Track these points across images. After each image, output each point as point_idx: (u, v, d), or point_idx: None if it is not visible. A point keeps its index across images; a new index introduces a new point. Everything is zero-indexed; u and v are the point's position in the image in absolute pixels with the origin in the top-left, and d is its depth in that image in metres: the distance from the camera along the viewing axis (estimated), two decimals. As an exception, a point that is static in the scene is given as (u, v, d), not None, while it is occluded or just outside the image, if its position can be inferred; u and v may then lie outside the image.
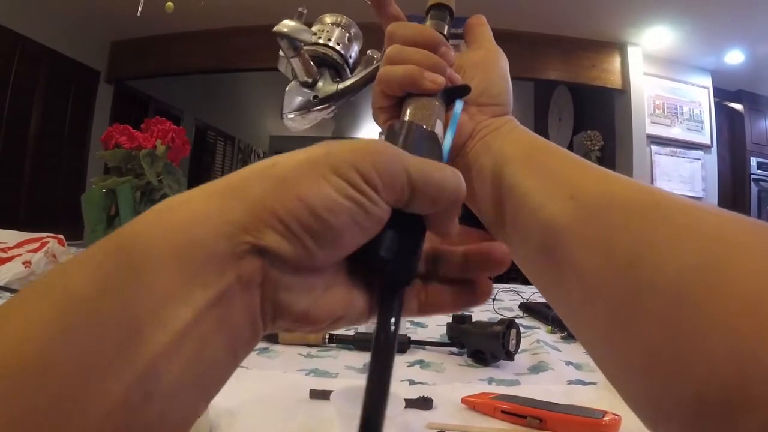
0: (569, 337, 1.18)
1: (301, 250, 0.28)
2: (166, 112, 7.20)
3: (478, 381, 0.88)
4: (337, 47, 0.67)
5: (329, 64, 0.66)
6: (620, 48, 5.72)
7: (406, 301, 0.35)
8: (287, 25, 0.61)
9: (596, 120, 6.23)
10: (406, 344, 1.02)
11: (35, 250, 1.41)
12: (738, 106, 6.17)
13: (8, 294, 1.26)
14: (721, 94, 6.05)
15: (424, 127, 0.43)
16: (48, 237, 1.49)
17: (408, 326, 1.21)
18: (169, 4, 2.87)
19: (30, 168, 5.47)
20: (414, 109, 0.47)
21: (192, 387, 0.25)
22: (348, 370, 0.91)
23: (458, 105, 0.48)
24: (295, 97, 0.65)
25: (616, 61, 5.75)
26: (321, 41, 0.68)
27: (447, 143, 0.45)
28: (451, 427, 0.68)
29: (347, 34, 0.70)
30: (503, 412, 0.72)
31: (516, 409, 0.71)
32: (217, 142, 9.35)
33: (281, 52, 0.64)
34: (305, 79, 0.63)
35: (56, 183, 5.82)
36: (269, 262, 0.27)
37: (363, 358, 0.97)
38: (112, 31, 6.10)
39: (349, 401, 0.65)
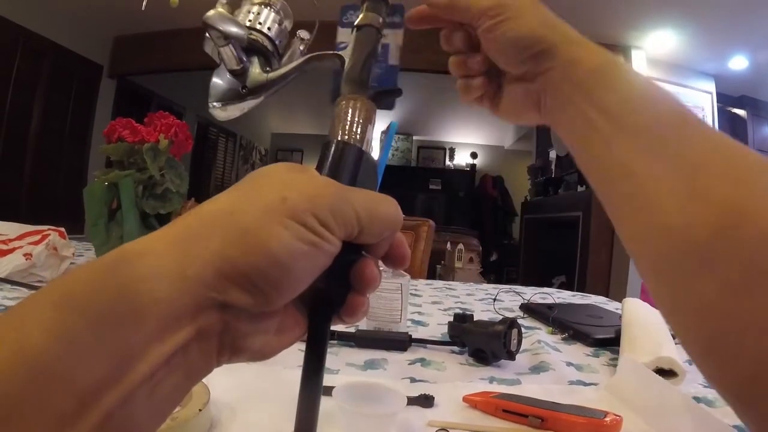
0: (570, 338, 1.18)
1: (262, 299, 0.29)
2: (168, 107, 7.18)
3: (479, 380, 0.88)
4: (269, 32, 0.65)
5: (259, 51, 0.64)
6: (623, 51, 5.71)
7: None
8: (217, 15, 0.60)
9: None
10: (407, 342, 1.02)
11: (36, 243, 1.41)
12: (741, 112, 6.17)
13: (8, 286, 1.25)
14: (725, 100, 6.04)
15: (359, 147, 0.42)
16: (49, 229, 1.49)
17: (409, 325, 1.21)
18: (174, -1, 2.86)
19: (32, 162, 5.48)
20: (344, 113, 0.45)
21: (146, 417, 0.26)
22: (349, 367, 0.90)
23: (393, 127, 0.49)
24: (223, 85, 0.63)
25: (620, 64, 5.74)
26: (250, 25, 0.65)
27: (381, 166, 0.45)
28: (453, 425, 0.68)
29: (278, 16, 0.67)
30: (504, 410, 0.72)
31: (517, 408, 0.71)
32: (218, 139, 9.37)
33: (207, 35, 0.62)
34: (234, 67, 0.61)
35: (58, 178, 5.83)
36: (230, 315, 0.29)
37: (364, 355, 0.97)
38: (115, 26, 6.11)
39: (351, 397, 0.65)
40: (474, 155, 10.33)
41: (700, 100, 5.89)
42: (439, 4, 0.57)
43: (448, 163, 10.74)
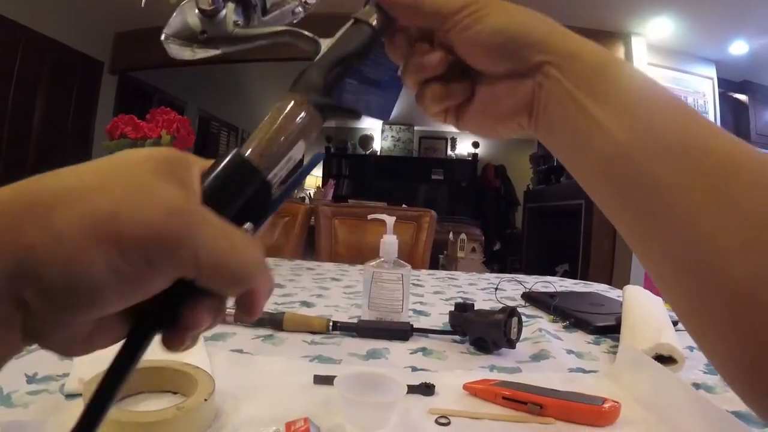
0: (571, 326, 1.19)
1: (60, 313, 0.26)
2: (170, 102, 7.20)
3: (479, 368, 0.89)
4: None
5: None
6: (624, 38, 5.69)
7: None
8: None
9: (600, 111, 6.20)
10: (409, 332, 1.03)
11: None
12: (743, 97, 6.14)
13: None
14: (726, 85, 6.01)
15: (254, 168, 0.35)
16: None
17: (411, 315, 1.22)
18: (173, -6, 2.86)
19: (34, 159, 5.47)
20: (273, 117, 0.38)
21: None
22: (351, 357, 0.92)
23: (317, 159, 0.38)
24: (185, 19, 0.54)
25: (620, 52, 5.71)
26: None
27: (281, 198, 0.36)
28: (453, 412, 0.69)
29: None
30: (504, 398, 0.72)
31: (517, 396, 0.72)
32: (220, 133, 9.36)
33: None
34: (204, 6, 0.52)
35: (60, 174, 5.82)
36: (29, 312, 0.26)
37: (366, 345, 0.98)
38: (115, 22, 6.09)
39: (353, 387, 0.66)
40: (476, 144, 10.30)
41: (701, 85, 5.87)
42: (401, 6, 0.48)
43: (449, 153, 10.71)
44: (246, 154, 0.36)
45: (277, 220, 2.57)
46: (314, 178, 10.63)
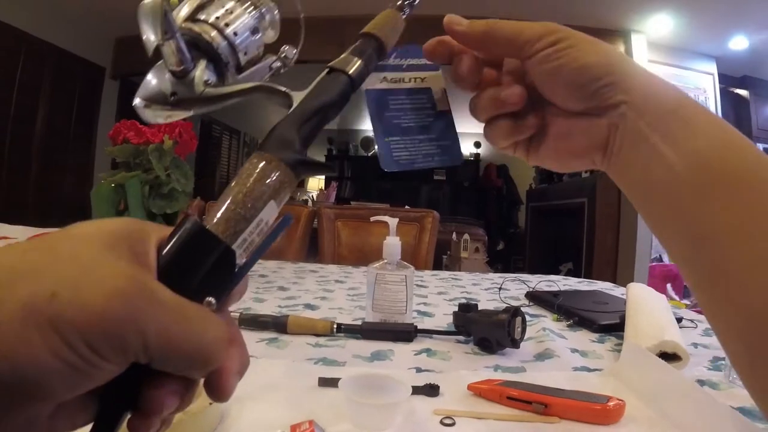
0: (575, 325, 1.19)
1: (8, 402, 0.25)
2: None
3: (484, 368, 0.89)
4: (233, 38, 0.52)
5: (211, 56, 0.51)
6: (624, 36, 5.69)
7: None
8: (148, 6, 0.49)
9: (601, 108, 6.19)
10: (413, 333, 1.03)
11: (45, 246, 1.42)
12: (743, 92, 6.13)
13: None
14: (727, 81, 6.00)
15: (215, 236, 0.32)
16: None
17: (414, 316, 1.22)
18: (174, 0, 2.87)
19: (38, 165, 5.49)
20: (241, 180, 0.35)
21: None
22: (355, 359, 0.92)
23: (285, 222, 0.36)
24: (155, 82, 0.51)
25: (620, 49, 5.71)
26: (214, 22, 0.52)
27: (246, 266, 0.34)
28: (458, 413, 0.69)
29: (255, 19, 0.55)
30: (509, 398, 0.72)
31: (521, 395, 0.72)
32: (222, 136, 9.36)
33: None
34: (173, 67, 0.49)
35: (64, 180, 5.85)
36: None
37: (370, 346, 0.98)
38: (116, 28, 6.10)
39: (357, 388, 0.66)
40: (477, 144, 10.28)
41: (702, 81, 5.86)
42: (472, 35, 0.48)
43: (452, 153, 10.68)
44: (207, 222, 0.33)
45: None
46: (317, 181, 10.63)
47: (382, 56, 0.47)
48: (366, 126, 10.50)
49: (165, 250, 0.31)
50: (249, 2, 0.54)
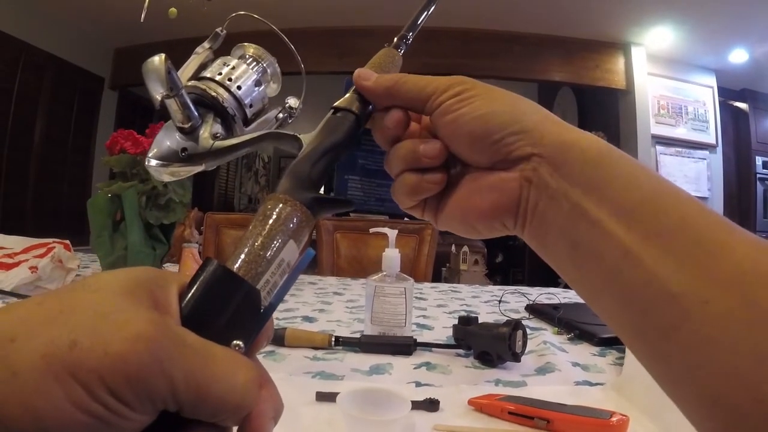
0: (576, 338, 1.18)
1: None
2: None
3: (484, 382, 0.88)
4: (237, 92, 0.56)
5: (217, 111, 0.55)
6: (624, 48, 5.73)
7: None
8: (153, 65, 0.50)
9: (600, 121, 6.22)
10: (412, 347, 1.02)
11: (41, 256, 1.41)
12: (743, 105, 6.16)
13: (15, 299, 1.26)
14: (726, 94, 6.04)
15: (240, 277, 0.32)
16: (54, 242, 1.49)
17: (414, 329, 1.21)
18: (172, 10, 2.88)
19: (35, 175, 5.50)
20: (260, 223, 0.35)
21: None
22: (354, 373, 0.91)
23: (308, 257, 0.35)
24: (167, 141, 0.53)
25: (620, 62, 5.75)
26: (219, 78, 0.56)
27: (271, 307, 0.33)
28: (458, 429, 0.68)
29: (258, 74, 0.59)
30: (510, 413, 0.72)
31: (523, 410, 0.71)
32: (221, 147, 9.36)
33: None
34: (180, 124, 0.52)
35: (62, 190, 5.86)
36: None
37: (369, 360, 0.97)
38: (115, 38, 6.14)
39: (356, 403, 0.65)
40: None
41: (702, 94, 5.88)
42: (378, 91, 0.45)
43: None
44: (229, 264, 0.33)
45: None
46: (315, 192, 10.61)
47: None
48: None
49: (188, 294, 0.30)
50: (251, 58, 0.58)
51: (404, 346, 1.02)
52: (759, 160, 6.09)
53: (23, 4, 4.98)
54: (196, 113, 0.51)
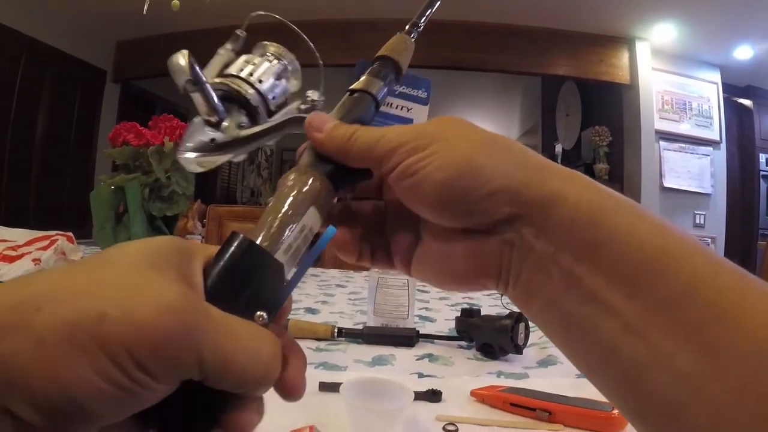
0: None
1: (55, 427, 0.23)
2: (173, 111, 7.14)
3: (486, 374, 0.88)
4: (258, 84, 0.58)
5: (242, 103, 0.58)
6: (628, 43, 5.70)
7: None
8: (177, 63, 0.54)
9: (604, 115, 6.20)
10: (415, 338, 1.02)
11: (45, 248, 1.41)
12: (747, 102, 6.14)
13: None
14: (730, 90, 6.01)
15: (266, 251, 0.32)
16: (57, 235, 1.49)
17: (416, 320, 1.21)
18: (175, 2, 2.88)
19: (38, 169, 5.51)
20: (283, 196, 0.36)
21: None
22: (357, 364, 0.91)
23: (329, 234, 0.35)
24: (196, 133, 0.56)
25: (624, 57, 5.72)
26: (242, 74, 0.59)
27: (300, 272, 0.34)
28: (460, 419, 0.68)
29: (278, 70, 0.61)
30: (512, 404, 0.72)
31: (525, 402, 0.71)
32: (224, 141, 9.36)
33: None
34: (206, 117, 0.55)
35: (65, 183, 5.86)
36: (21, 426, 0.23)
37: (372, 351, 0.97)
38: (117, 31, 6.13)
39: (358, 394, 0.65)
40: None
41: (706, 90, 5.86)
42: (330, 146, 0.38)
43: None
44: (254, 233, 0.33)
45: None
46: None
47: (400, 78, 0.46)
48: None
49: (214, 268, 0.31)
50: (272, 56, 0.61)
51: (407, 338, 1.02)
52: (763, 157, 6.07)
53: (26, -3, 4.99)
54: (221, 106, 0.54)
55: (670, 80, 5.73)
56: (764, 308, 0.26)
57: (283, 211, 0.35)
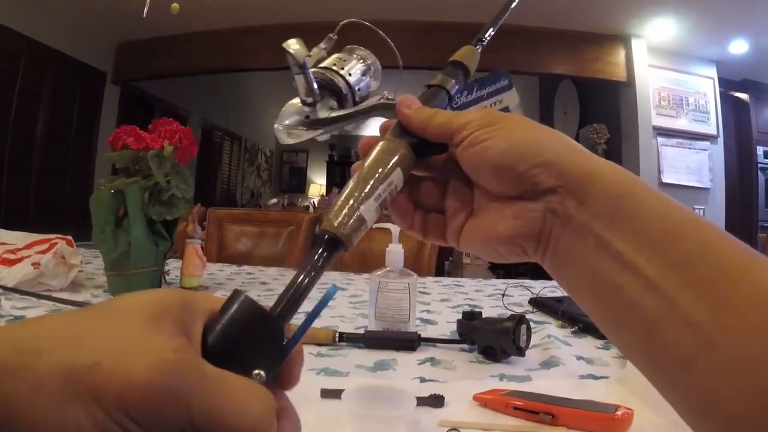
0: (580, 331, 1.18)
1: None
2: (173, 112, 7.23)
3: (489, 377, 0.88)
4: (348, 76, 0.67)
5: (334, 90, 0.66)
6: (624, 40, 5.72)
7: None
8: (292, 45, 0.62)
9: (602, 113, 6.21)
10: (417, 342, 1.02)
11: (44, 251, 1.42)
12: (743, 96, 6.16)
13: (18, 295, 1.26)
14: (727, 84, 6.03)
15: (264, 311, 0.33)
16: (57, 238, 1.49)
17: (418, 324, 1.21)
18: (175, 5, 2.88)
19: (38, 170, 5.50)
20: (374, 161, 0.44)
21: None
22: (358, 369, 0.91)
23: (330, 294, 0.36)
24: (292, 112, 0.66)
25: (621, 54, 5.74)
26: (335, 68, 0.68)
27: (300, 331, 0.35)
28: (463, 424, 0.68)
29: (364, 68, 0.70)
30: (515, 408, 0.71)
31: (528, 405, 0.71)
32: (223, 142, 9.37)
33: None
34: (304, 98, 0.64)
35: (64, 185, 5.85)
36: None
37: (373, 356, 0.97)
38: (118, 33, 6.13)
39: (361, 400, 0.65)
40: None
41: (703, 85, 5.87)
42: (414, 121, 0.46)
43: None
44: (353, 188, 0.42)
45: (281, 230, 2.57)
46: (318, 187, 10.64)
47: (467, 78, 0.55)
48: (368, 132, 10.52)
49: (215, 325, 0.32)
50: (358, 56, 0.71)
51: (408, 342, 1.02)
52: (760, 150, 6.10)
53: (25, -1, 4.98)
54: (317, 90, 0.64)
55: (667, 76, 5.75)
56: (766, 269, 0.31)
57: (377, 168, 0.43)
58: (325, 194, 8.49)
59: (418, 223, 0.50)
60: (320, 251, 0.39)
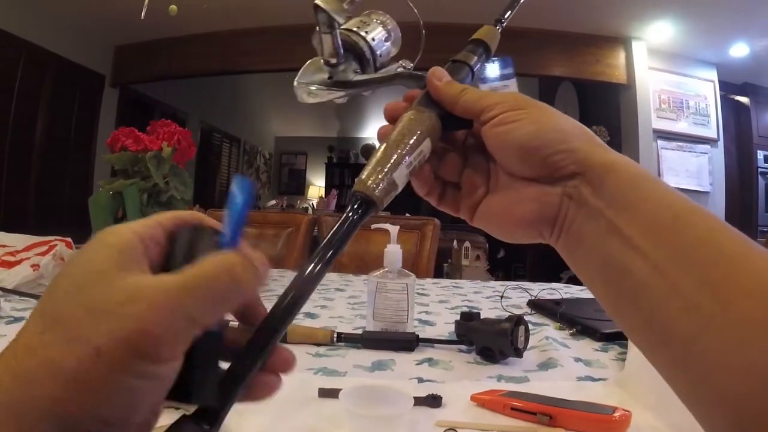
0: (578, 333, 1.18)
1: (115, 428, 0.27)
2: (172, 114, 7.23)
3: (486, 378, 0.88)
4: (371, 42, 0.67)
5: (357, 53, 0.66)
6: (624, 43, 5.71)
7: None
8: (327, 2, 0.61)
9: (601, 115, 6.20)
10: (415, 343, 1.02)
11: (43, 253, 1.41)
12: (744, 99, 6.16)
13: (17, 297, 1.26)
14: (727, 88, 6.03)
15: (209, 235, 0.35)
16: (56, 240, 1.49)
17: (416, 324, 1.21)
18: (173, 7, 2.87)
19: (37, 172, 5.50)
20: (403, 128, 0.46)
21: None
22: (356, 369, 0.91)
23: (239, 196, 0.34)
24: (313, 71, 0.66)
25: (621, 56, 5.73)
26: (357, 30, 0.68)
27: (228, 232, 0.34)
28: (461, 424, 0.68)
29: (386, 35, 0.70)
30: (513, 408, 0.72)
31: (526, 406, 0.71)
32: (222, 144, 9.38)
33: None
34: (329, 58, 0.64)
35: (63, 187, 5.85)
36: None
37: (371, 356, 0.97)
38: (116, 35, 6.13)
39: (358, 400, 0.65)
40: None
41: (703, 88, 5.87)
42: (444, 94, 0.48)
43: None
44: (385, 151, 0.45)
45: (280, 232, 2.57)
46: (317, 189, 10.63)
47: (489, 57, 0.57)
48: (366, 134, 10.52)
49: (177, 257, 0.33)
50: (379, 21, 0.70)
51: (406, 342, 1.02)
52: (760, 154, 6.09)
53: (24, 1, 4.97)
54: (342, 51, 0.63)
55: (667, 79, 5.74)
56: (765, 257, 0.33)
57: (410, 136, 0.45)
58: (323, 196, 8.48)
59: (436, 192, 0.52)
60: (356, 208, 0.43)
